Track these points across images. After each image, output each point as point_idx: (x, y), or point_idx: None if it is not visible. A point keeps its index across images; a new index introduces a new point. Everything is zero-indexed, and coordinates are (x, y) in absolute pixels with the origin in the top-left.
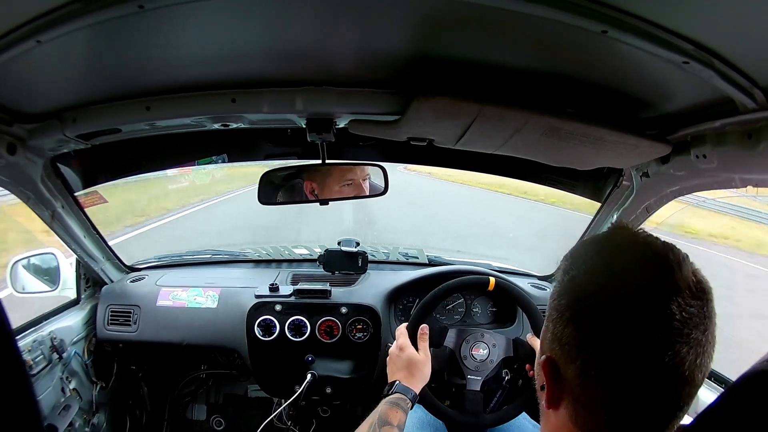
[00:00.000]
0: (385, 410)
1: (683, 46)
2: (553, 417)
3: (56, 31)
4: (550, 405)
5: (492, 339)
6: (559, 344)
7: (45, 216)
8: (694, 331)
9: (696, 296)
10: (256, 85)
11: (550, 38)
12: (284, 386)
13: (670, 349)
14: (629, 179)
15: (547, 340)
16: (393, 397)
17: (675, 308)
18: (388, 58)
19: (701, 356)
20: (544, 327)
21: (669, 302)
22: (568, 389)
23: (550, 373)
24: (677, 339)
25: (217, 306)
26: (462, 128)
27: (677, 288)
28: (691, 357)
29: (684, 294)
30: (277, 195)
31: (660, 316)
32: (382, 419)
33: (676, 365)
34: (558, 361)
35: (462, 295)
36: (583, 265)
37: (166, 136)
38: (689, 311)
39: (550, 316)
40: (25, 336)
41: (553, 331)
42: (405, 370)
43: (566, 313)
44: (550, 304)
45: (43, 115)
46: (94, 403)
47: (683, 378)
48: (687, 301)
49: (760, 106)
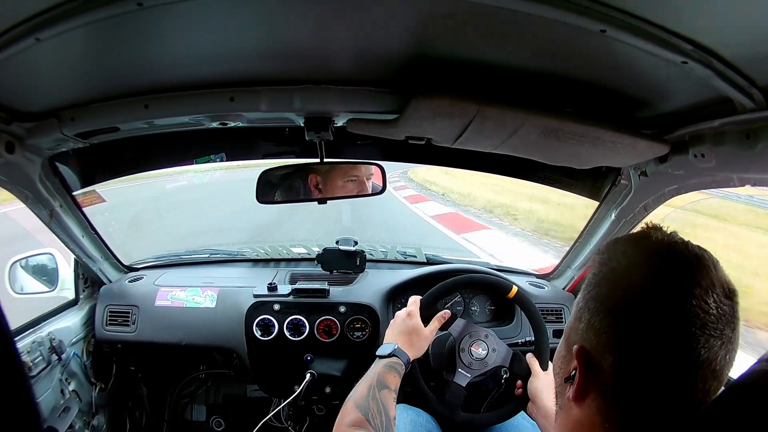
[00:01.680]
0: (383, 373)
1: (682, 45)
2: (575, 411)
3: (55, 28)
4: (578, 397)
5: (494, 343)
6: (596, 334)
7: (43, 215)
8: (726, 328)
9: (728, 296)
10: (254, 83)
11: (549, 38)
12: (283, 386)
13: (706, 343)
14: (627, 178)
15: (579, 330)
16: (391, 360)
17: (712, 304)
18: (386, 57)
19: (730, 353)
20: (572, 318)
21: (707, 298)
22: (600, 381)
23: (584, 363)
24: (712, 333)
25: (215, 306)
26: (460, 128)
27: (713, 286)
28: (722, 353)
29: (718, 292)
30: (275, 194)
31: (698, 310)
32: (380, 382)
33: (710, 359)
34: (592, 351)
35: (460, 293)
36: (623, 258)
37: (164, 134)
38: (723, 309)
39: (586, 306)
40: (24, 337)
41: (589, 320)
42: (406, 336)
43: (606, 302)
44: (585, 294)
45: (42, 114)
46: (94, 405)
47: (714, 373)
48: (721, 300)
49: (759, 106)
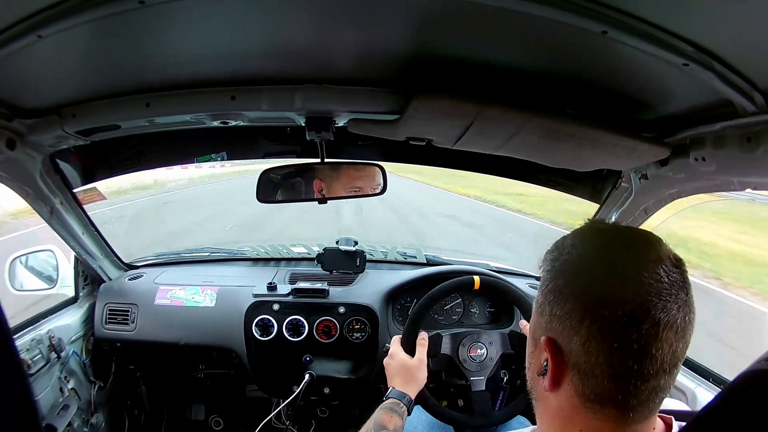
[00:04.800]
0: (381, 416)
1: (683, 48)
2: (552, 399)
3: (57, 25)
4: (553, 386)
5: (488, 337)
6: (559, 321)
7: (44, 212)
8: (680, 292)
9: (676, 265)
10: (255, 82)
11: (550, 39)
12: (282, 386)
13: (663, 308)
14: (628, 181)
15: (542, 325)
16: (388, 402)
17: (662, 273)
18: (388, 57)
19: (688, 315)
20: (536, 315)
21: (657, 269)
22: (572, 363)
23: (554, 350)
24: (668, 299)
25: (215, 305)
26: (461, 129)
27: (661, 258)
28: (680, 315)
29: (666, 263)
30: (276, 193)
31: (651, 280)
32: (378, 424)
33: (670, 322)
34: (558, 338)
35: (460, 296)
36: (573, 249)
37: (165, 133)
38: (673, 277)
39: (546, 300)
40: (23, 335)
41: (551, 312)
42: (398, 377)
43: (564, 290)
44: (543, 290)
45: (43, 111)
46: (93, 403)
47: (677, 334)
48: (670, 269)
49: (760, 110)
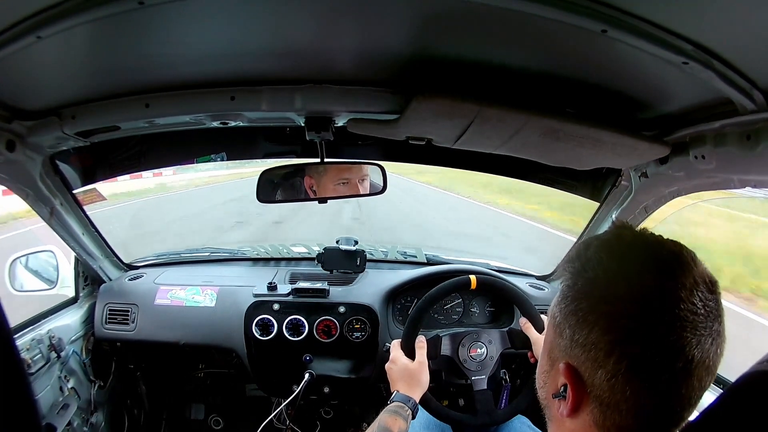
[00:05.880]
0: (385, 419)
1: (683, 46)
2: (569, 423)
3: (56, 26)
4: (572, 414)
5: (487, 336)
6: (582, 348)
7: (43, 213)
8: (714, 323)
9: (711, 290)
10: (255, 82)
11: (550, 38)
12: (282, 386)
13: (698, 344)
14: (628, 179)
15: (561, 347)
16: (392, 405)
17: (698, 303)
18: (387, 57)
19: (720, 346)
20: (552, 332)
21: (693, 298)
22: (594, 394)
23: (575, 380)
24: (702, 332)
25: (215, 305)
26: (461, 128)
27: (697, 284)
28: (713, 348)
29: (702, 289)
30: (276, 193)
31: (687, 313)
32: (382, 427)
33: (703, 359)
34: (580, 367)
35: (459, 295)
36: (598, 267)
37: (164, 133)
38: (709, 306)
39: (566, 322)
40: (23, 334)
41: (572, 336)
42: (401, 381)
43: (589, 317)
44: (563, 308)
45: (43, 112)
46: (93, 402)
47: (708, 369)
48: (705, 295)
49: (759, 108)
